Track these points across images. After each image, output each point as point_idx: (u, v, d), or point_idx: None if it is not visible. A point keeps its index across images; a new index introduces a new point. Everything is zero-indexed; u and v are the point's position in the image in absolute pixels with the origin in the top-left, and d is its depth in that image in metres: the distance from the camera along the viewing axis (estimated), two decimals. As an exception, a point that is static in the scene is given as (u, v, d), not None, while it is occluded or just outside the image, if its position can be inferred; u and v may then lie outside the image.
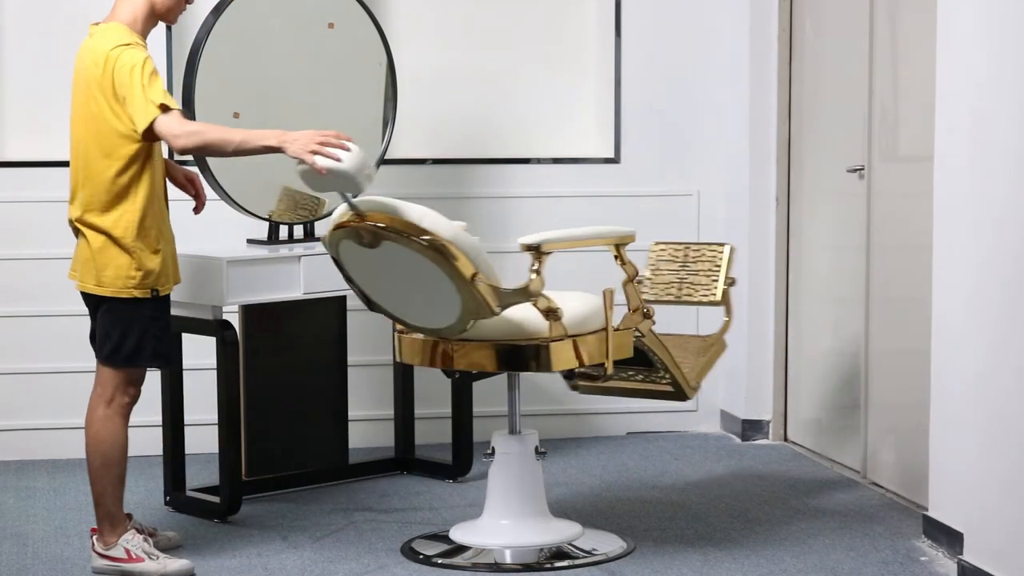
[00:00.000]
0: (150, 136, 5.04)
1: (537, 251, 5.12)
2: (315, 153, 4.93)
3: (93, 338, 5.26)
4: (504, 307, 5.09)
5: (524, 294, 5.10)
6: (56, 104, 6.59)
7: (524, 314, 5.16)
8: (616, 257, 5.35)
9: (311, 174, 4.98)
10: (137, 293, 5.11)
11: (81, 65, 5.15)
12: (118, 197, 5.08)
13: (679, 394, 5.61)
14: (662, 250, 5.95)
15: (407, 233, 4.98)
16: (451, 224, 5.04)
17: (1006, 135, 4.78)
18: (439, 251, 4.97)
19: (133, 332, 5.13)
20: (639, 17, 7.04)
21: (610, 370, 5.30)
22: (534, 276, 5.09)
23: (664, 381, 5.59)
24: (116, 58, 5.03)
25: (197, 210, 5.51)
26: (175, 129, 4.98)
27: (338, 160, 4.94)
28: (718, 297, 5.78)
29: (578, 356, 5.19)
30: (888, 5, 6.04)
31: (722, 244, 5.85)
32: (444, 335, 5.20)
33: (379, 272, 5.18)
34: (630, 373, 5.62)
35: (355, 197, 5.06)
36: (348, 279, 5.29)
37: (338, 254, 5.19)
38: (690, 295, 5.83)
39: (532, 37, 7.14)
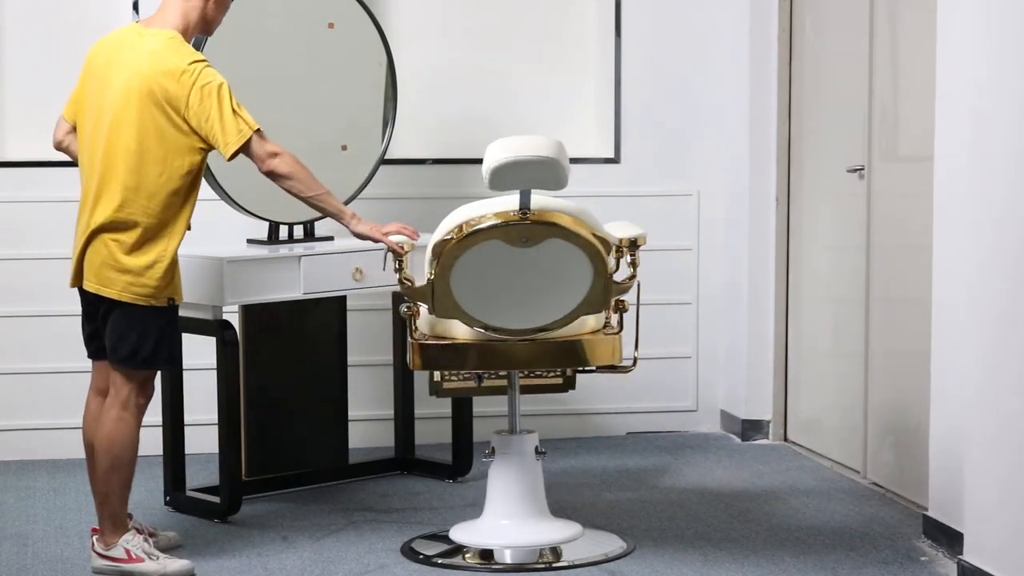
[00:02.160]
0: (232, 154, 5.10)
1: (634, 244, 5.25)
2: (389, 233, 5.27)
3: (91, 339, 5.25)
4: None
5: (624, 288, 5.22)
6: (56, 104, 6.56)
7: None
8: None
9: (510, 166, 5.02)
10: (155, 303, 5.11)
11: (122, 66, 5.08)
12: (167, 209, 5.07)
13: (568, 385, 5.72)
14: None
15: (577, 231, 5.05)
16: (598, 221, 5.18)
17: (1006, 135, 4.78)
18: (603, 247, 5.08)
19: (150, 335, 5.12)
20: (639, 17, 7.04)
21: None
22: (632, 270, 5.23)
23: (552, 374, 5.67)
24: (197, 74, 5.04)
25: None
26: (270, 149, 5.10)
27: (407, 240, 5.27)
28: None
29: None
30: (888, 5, 6.03)
31: None
32: (531, 334, 5.23)
33: (512, 271, 5.16)
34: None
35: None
36: (431, 284, 5.19)
37: (456, 257, 5.13)
38: None
39: (532, 37, 7.13)
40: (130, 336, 5.11)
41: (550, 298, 5.16)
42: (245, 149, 5.09)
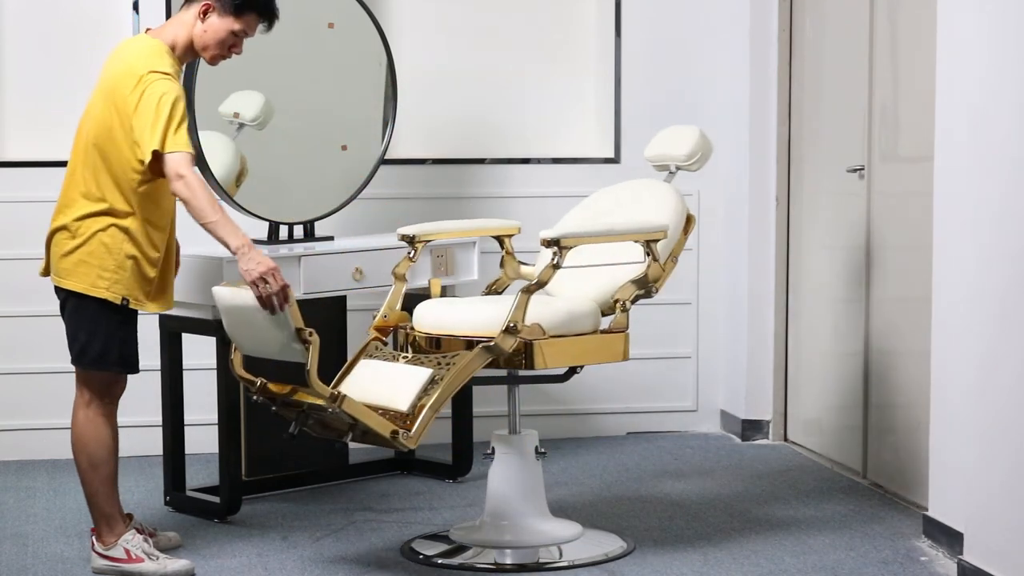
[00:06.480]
0: (152, 164, 4.97)
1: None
2: (258, 281, 4.90)
3: None
4: None
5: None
6: (56, 104, 6.60)
7: None
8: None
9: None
10: (108, 295, 5.07)
11: (108, 71, 5.12)
12: (139, 203, 5.05)
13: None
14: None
15: None
16: None
17: (1005, 135, 4.78)
18: None
19: (99, 335, 5.10)
20: (639, 17, 7.04)
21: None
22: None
23: None
24: (150, 83, 4.98)
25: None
26: (180, 172, 4.90)
27: (278, 305, 4.94)
28: None
29: None
30: (888, 5, 6.04)
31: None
32: None
33: None
34: None
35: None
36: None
37: None
38: None
39: (532, 37, 7.14)
40: (79, 334, 5.11)
41: None
42: (160, 159, 4.93)
